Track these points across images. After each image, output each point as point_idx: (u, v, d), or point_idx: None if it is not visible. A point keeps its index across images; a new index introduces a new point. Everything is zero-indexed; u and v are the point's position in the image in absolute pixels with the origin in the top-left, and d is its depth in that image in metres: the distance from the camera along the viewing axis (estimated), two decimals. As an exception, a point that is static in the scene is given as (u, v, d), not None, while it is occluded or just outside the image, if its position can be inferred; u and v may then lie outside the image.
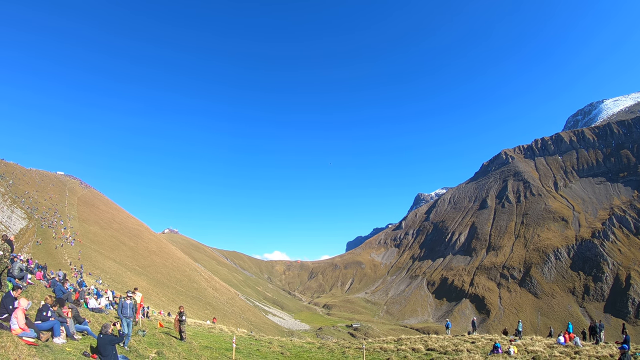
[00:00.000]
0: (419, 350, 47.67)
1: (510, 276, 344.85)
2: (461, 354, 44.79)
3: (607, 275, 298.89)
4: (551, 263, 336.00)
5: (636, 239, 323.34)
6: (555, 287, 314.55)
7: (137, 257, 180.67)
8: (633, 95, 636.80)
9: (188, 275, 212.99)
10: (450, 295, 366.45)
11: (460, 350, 47.14)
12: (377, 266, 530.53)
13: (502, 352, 44.21)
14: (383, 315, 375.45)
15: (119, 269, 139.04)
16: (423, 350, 47.60)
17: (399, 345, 52.42)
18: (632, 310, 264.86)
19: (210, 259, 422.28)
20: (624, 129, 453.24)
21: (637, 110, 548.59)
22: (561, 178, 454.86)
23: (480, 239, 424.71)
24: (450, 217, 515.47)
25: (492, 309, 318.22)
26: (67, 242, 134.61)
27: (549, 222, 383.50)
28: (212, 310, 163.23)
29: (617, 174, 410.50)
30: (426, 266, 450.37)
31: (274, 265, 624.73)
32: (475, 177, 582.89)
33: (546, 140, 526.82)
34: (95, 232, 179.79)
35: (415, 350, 47.75)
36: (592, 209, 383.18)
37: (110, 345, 24.71)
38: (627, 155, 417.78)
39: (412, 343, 53.35)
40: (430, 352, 47.17)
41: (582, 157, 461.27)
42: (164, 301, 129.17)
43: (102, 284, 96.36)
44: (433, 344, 51.14)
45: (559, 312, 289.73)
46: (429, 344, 52.05)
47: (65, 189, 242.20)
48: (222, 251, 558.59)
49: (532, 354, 44.06)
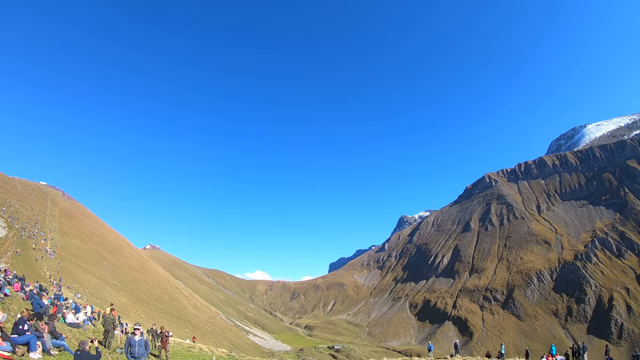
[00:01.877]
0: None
1: (493, 298, 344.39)
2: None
3: (589, 297, 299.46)
4: (534, 285, 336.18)
5: (618, 261, 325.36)
6: (538, 309, 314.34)
7: (117, 273, 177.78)
8: (615, 120, 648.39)
9: (169, 293, 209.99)
10: (433, 318, 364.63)
11: (446, 371, 46.39)
12: (359, 288, 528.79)
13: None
14: (365, 337, 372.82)
15: (98, 283, 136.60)
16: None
17: (382, 366, 51.62)
18: (615, 332, 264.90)
19: (192, 276, 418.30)
20: (606, 153, 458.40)
21: (619, 134, 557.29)
22: (544, 201, 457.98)
23: (463, 262, 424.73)
24: (434, 239, 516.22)
25: (475, 331, 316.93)
26: (47, 255, 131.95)
27: (532, 244, 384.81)
28: (192, 329, 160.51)
29: (600, 197, 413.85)
30: (409, 288, 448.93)
31: (255, 285, 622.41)
32: (459, 200, 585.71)
33: (529, 164, 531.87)
34: (76, 245, 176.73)
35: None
36: (575, 232, 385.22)
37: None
38: (609, 178, 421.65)
39: (397, 364, 52.48)
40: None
41: (565, 180, 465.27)
42: (144, 318, 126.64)
43: (81, 299, 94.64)
44: (418, 365, 50.37)
45: (542, 334, 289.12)
46: (413, 365, 51.26)
47: (47, 200, 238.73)
48: (204, 269, 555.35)
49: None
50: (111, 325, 38.82)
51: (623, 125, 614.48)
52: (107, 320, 39.14)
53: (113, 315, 40.14)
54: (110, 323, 38.87)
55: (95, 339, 34.41)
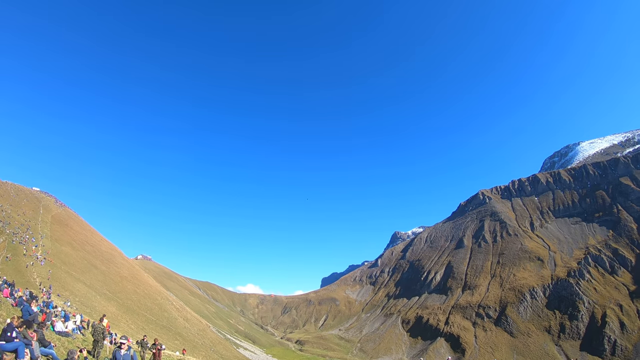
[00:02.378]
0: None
1: (486, 315, 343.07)
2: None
3: (582, 314, 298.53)
4: (527, 302, 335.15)
5: (611, 278, 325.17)
6: (531, 326, 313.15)
7: (108, 282, 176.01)
8: (608, 138, 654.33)
9: (159, 304, 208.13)
10: (425, 334, 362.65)
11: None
12: (351, 303, 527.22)
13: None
14: (357, 353, 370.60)
15: (88, 292, 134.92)
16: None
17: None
18: (608, 348, 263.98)
19: (183, 288, 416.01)
20: (600, 171, 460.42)
21: (612, 152, 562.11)
22: (537, 218, 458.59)
23: (456, 278, 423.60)
24: (427, 255, 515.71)
25: (467, 348, 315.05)
26: (38, 261, 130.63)
27: (525, 261, 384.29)
28: (182, 341, 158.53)
29: (593, 214, 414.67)
30: (401, 304, 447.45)
31: (247, 299, 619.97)
32: (452, 217, 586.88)
33: (523, 182, 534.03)
34: (67, 252, 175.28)
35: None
36: (568, 249, 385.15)
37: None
38: (602, 196, 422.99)
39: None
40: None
41: (558, 197, 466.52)
42: (133, 329, 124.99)
43: (71, 307, 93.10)
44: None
45: (535, 351, 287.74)
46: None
47: (39, 206, 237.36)
48: (195, 281, 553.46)
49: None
50: (100, 335, 38.10)
51: (616, 142, 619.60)
52: (96, 330, 38.38)
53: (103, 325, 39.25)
54: (100, 333, 38.14)
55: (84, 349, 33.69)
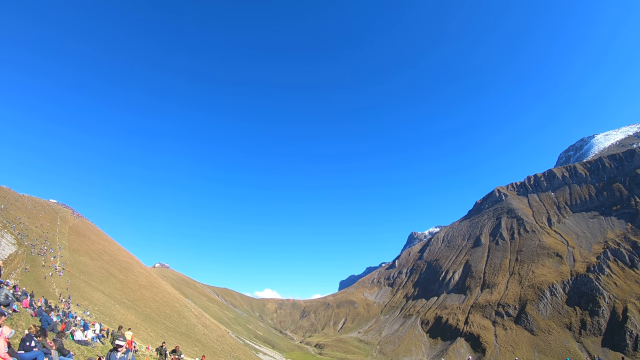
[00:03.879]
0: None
1: (506, 314, 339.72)
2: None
3: (603, 309, 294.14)
4: (547, 299, 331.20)
5: (631, 272, 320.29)
6: (552, 323, 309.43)
7: (126, 290, 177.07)
8: (623, 129, 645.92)
9: (178, 311, 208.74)
10: (444, 334, 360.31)
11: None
12: (370, 305, 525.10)
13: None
14: (376, 355, 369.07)
15: (107, 301, 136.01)
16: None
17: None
18: (630, 343, 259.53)
19: (201, 295, 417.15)
20: (616, 163, 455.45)
21: (628, 143, 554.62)
22: (554, 214, 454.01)
23: (474, 277, 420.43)
24: (444, 255, 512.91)
25: (487, 347, 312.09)
26: (57, 272, 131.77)
27: (544, 258, 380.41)
28: (202, 348, 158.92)
29: (610, 208, 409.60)
30: (420, 305, 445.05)
31: (265, 304, 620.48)
32: (468, 215, 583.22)
33: (539, 177, 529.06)
34: (85, 262, 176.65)
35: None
36: (587, 244, 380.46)
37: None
38: (619, 188, 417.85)
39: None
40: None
41: (575, 192, 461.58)
42: (152, 336, 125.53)
43: (90, 316, 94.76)
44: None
45: (556, 349, 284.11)
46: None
47: (57, 217, 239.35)
48: (213, 288, 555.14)
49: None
50: None
51: (632, 134, 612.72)
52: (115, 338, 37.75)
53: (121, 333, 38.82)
54: None
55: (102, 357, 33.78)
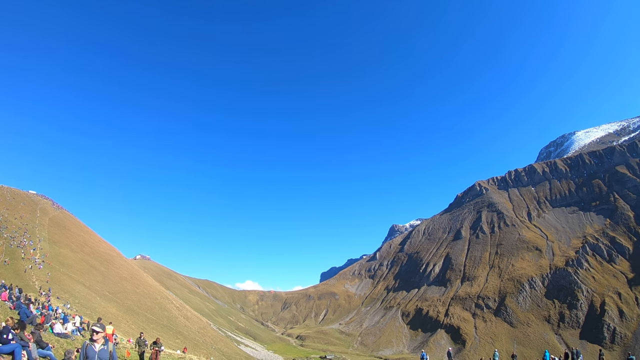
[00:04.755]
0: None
1: (485, 306, 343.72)
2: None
3: (581, 303, 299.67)
4: (526, 292, 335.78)
5: (609, 266, 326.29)
6: (531, 316, 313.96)
7: (107, 283, 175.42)
8: (603, 127, 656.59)
9: (159, 303, 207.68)
10: (425, 326, 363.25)
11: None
12: (351, 297, 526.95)
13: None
14: (357, 347, 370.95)
15: (88, 294, 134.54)
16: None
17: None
18: (607, 336, 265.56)
19: (182, 287, 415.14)
20: (596, 160, 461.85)
21: (608, 141, 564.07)
22: (534, 208, 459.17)
23: (454, 270, 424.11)
24: (425, 248, 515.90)
25: (467, 339, 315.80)
26: (36, 265, 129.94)
27: (523, 251, 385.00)
28: (183, 340, 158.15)
29: (590, 203, 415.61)
30: (401, 297, 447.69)
31: (246, 295, 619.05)
32: (449, 209, 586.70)
33: (519, 172, 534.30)
34: (66, 254, 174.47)
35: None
36: (566, 238, 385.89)
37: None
38: (598, 184, 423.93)
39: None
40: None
41: (555, 187, 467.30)
42: (134, 329, 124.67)
43: (71, 309, 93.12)
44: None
45: (535, 341, 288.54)
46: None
47: (36, 209, 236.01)
48: (195, 279, 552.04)
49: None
50: None
51: (612, 131, 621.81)
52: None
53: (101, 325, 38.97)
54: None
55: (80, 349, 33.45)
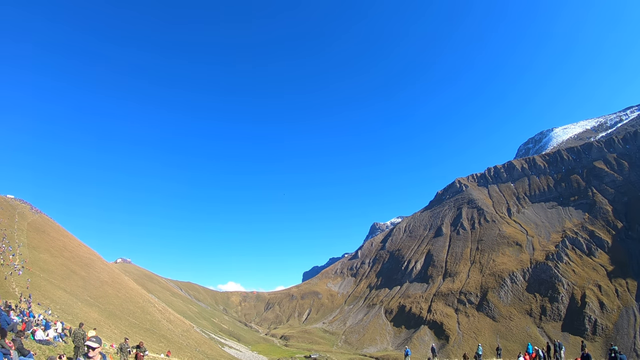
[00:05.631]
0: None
1: (468, 301, 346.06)
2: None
3: (562, 296, 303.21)
4: (507, 287, 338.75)
5: (589, 260, 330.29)
6: (513, 310, 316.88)
7: (88, 287, 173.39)
8: (581, 123, 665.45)
9: (141, 307, 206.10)
10: (408, 323, 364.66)
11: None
12: (334, 296, 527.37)
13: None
14: (342, 345, 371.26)
15: (69, 299, 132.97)
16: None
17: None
18: (589, 328, 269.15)
19: (164, 289, 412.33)
20: (574, 155, 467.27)
21: (586, 137, 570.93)
22: (514, 204, 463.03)
23: (436, 266, 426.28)
24: (406, 245, 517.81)
25: (451, 334, 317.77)
26: (16, 271, 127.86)
27: (504, 247, 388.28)
28: (167, 343, 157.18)
29: (568, 198, 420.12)
30: (383, 294, 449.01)
31: (229, 297, 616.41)
32: (430, 206, 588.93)
33: (499, 168, 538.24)
34: (46, 260, 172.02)
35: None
36: (545, 233, 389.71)
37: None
38: (577, 180, 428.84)
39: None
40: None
41: (534, 183, 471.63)
42: (116, 333, 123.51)
43: (52, 315, 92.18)
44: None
45: (517, 334, 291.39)
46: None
47: (15, 214, 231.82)
48: (177, 282, 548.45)
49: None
50: (81, 341, 38.49)
51: (589, 128, 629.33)
52: (76, 336, 38.54)
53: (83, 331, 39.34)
54: (80, 339, 38.37)
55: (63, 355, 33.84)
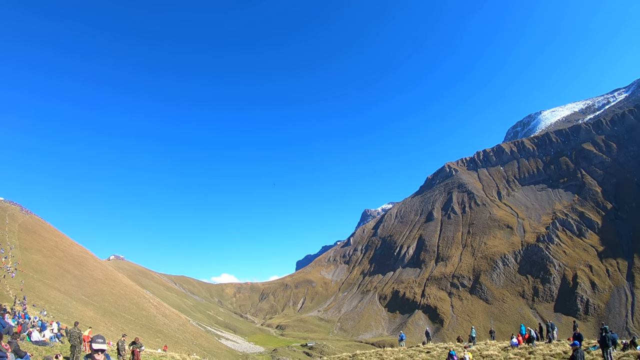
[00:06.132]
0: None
1: (461, 285, 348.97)
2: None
3: (554, 277, 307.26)
4: (499, 269, 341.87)
5: (579, 240, 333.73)
6: (505, 292, 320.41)
7: (82, 286, 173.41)
8: (569, 106, 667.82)
9: (136, 303, 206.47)
10: (402, 308, 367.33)
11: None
12: (328, 284, 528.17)
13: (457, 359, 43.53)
14: (337, 332, 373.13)
15: (64, 299, 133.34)
16: (379, 364, 46.35)
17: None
18: (581, 308, 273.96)
19: (159, 284, 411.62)
20: (562, 138, 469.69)
21: (574, 119, 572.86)
22: (504, 187, 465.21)
23: (428, 251, 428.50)
24: (398, 231, 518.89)
25: (445, 318, 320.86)
26: (9, 273, 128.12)
27: (495, 230, 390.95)
28: (163, 338, 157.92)
29: (558, 180, 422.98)
30: (377, 281, 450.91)
31: (224, 289, 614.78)
32: (420, 191, 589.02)
33: (488, 152, 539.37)
34: (38, 260, 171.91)
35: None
36: (536, 215, 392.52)
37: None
38: (566, 162, 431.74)
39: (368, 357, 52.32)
40: (386, 365, 45.98)
41: (523, 166, 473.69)
42: (113, 331, 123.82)
43: (47, 316, 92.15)
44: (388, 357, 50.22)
45: (510, 316, 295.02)
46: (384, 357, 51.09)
47: (5, 215, 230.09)
48: (170, 276, 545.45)
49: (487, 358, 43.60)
50: (77, 340, 38.51)
51: (577, 110, 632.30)
52: (72, 335, 38.70)
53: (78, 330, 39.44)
54: (76, 338, 38.51)
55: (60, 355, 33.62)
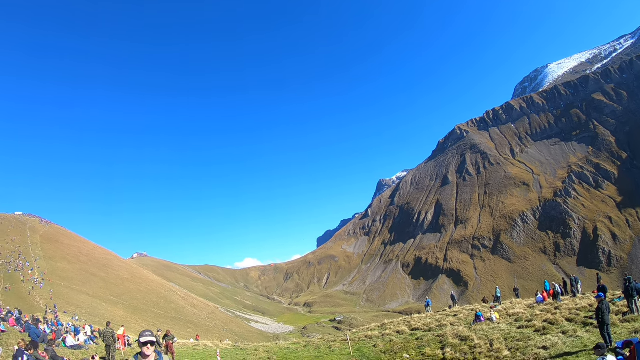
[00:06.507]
0: (403, 332, 47.67)
1: (482, 246, 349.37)
2: (445, 328, 45.10)
3: (574, 231, 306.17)
4: (519, 227, 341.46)
5: (597, 192, 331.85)
6: (527, 250, 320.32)
7: (110, 287, 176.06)
8: (575, 57, 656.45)
9: (164, 297, 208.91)
10: (426, 274, 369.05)
11: (444, 324, 47.45)
12: (350, 257, 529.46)
13: (484, 320, 44.76)
14: (364, 304, 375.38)
15: (93, 301, 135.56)
16: (407, 331, 47.62)
17: (383, 330, 52.47)
18: (604, 260, 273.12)
19: (184, 276, 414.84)
20: (571, 90, 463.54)
21: (581, 70, 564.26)
22: (517, 144, 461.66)
23: (447, 215, 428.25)
24: (415, 198, 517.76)
25: (469, 280, 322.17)
26: (37, 284, 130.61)
27: (511, 188, 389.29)
28: (194, 328, 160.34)
29: (570, 133, 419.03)
30: (398, 249, 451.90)
31: (248, 273, 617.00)
32: (433, 156, 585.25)
33: (497, 110, 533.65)
34: (64, 268, 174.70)
35: (400, 332, 47.76)
36: (551, 170, 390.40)
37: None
38: (577, 114, 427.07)
39: (396, 326, 53.44)
40: (415, 331, 47.27)
41: (534, 121, 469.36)
42: (144, 326, 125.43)
43: (79, 320, 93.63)
44: (416, 324, 51.29)
45: (534, 273, 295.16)
46: (412, 324, 52.16)
47: (26, 229, 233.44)
48: (195, 267, 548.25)
49: (514, 317, 44.67)
50: (111, 339, 38.90)
51: (584, 60, 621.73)
52: (105, 335, 39.28)
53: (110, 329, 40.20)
54: (110, 337, 39.00)
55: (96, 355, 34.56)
